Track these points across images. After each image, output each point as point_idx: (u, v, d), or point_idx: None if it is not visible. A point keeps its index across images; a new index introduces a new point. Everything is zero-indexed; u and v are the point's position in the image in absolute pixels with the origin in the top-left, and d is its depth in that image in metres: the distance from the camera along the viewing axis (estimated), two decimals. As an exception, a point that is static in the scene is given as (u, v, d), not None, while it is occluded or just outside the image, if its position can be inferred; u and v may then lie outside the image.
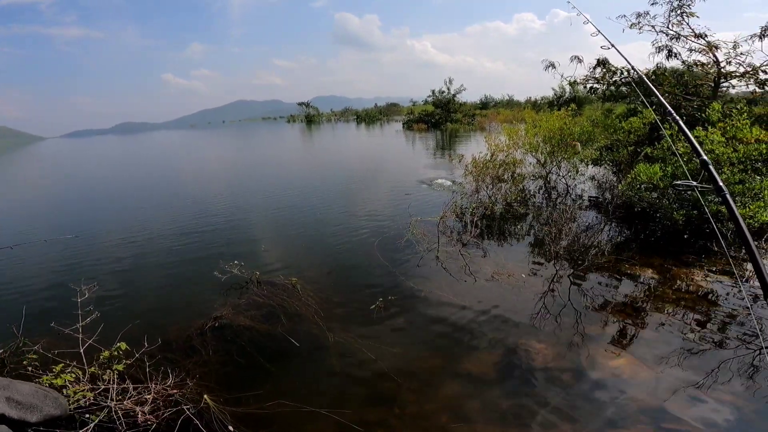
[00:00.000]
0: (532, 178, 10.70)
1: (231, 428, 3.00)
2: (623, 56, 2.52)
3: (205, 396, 3.25)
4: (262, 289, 5.55)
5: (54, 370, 3.26)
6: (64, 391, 3.10)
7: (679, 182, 1.81)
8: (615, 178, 9.41)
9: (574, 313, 4.60)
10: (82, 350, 3.61)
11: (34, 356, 3.56)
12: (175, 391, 3.31)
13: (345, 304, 5.22)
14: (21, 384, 1.21)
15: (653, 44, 9.11)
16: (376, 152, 25.03)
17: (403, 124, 46.39)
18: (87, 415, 2.99)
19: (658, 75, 9.18)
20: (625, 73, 10.06)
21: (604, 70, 10.20)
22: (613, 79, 10.27)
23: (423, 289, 5.45)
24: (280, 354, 4.16)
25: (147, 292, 6.02)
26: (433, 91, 43.14)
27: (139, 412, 3.06)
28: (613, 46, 2.60)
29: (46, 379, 3.16)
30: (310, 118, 79.64)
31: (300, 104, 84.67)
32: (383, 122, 62.59)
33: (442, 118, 40.54)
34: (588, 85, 10.81)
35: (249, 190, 14.23)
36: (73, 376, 3.26)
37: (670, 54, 9.03)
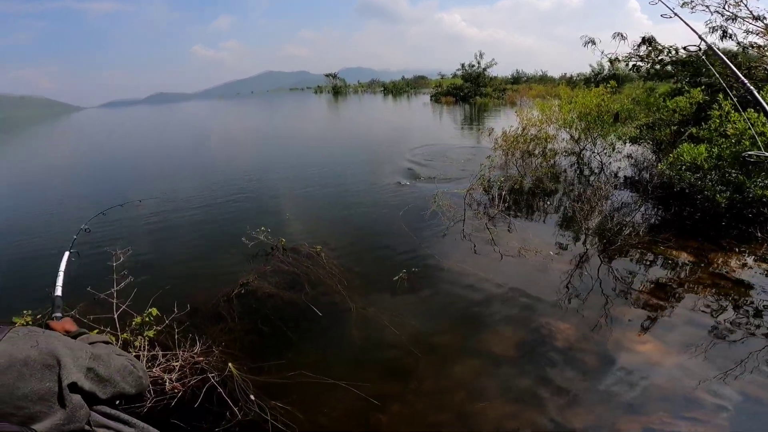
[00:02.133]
0: (564, 154, 10.33)
1: (252, 397, 3.07)
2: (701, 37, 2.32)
3: (230, 364, 3.32)
4: (287, 256, 5.61)
5: (90, 335, 3.30)
6: None
7: (750, 152, 1.67)
8: (654, 158, 8.95)
9: (602, 294, 4.46)
10: (115, 315, 3.61)
11: (70, 321, 3.64)
12: (201, 358, 3.37)
13: (368, 275, 5.23)
14: (116, 358, 1.24)
15: (706, 24, 8.67)
16: (403, 124, 24.73)
17: (431, 96, 45.55)
18: None
19: (710, 55, 8.67)
20: (673, 52, 9.55)
21: (650, 48, 9.68)
22: (659, 58, 9.75)
23: (447, 262, 5.40)
24: (302, 323, 4.22)
25: (177, 257, 6.19)
26: (463, 65, 41.74)
27: (167, 380, 3.11)
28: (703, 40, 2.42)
29: None
30: (337, 89, 78.92)
31: (327, 75, 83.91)
32: (410, 94, 61.44)
33: (471, 91, 39.31)
34: (630, 63, 10.32)
35: (276, 158, 14.50)
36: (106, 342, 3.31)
37: (725, 35, 8.52)
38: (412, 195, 8.65)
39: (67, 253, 2.37)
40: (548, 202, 7.80)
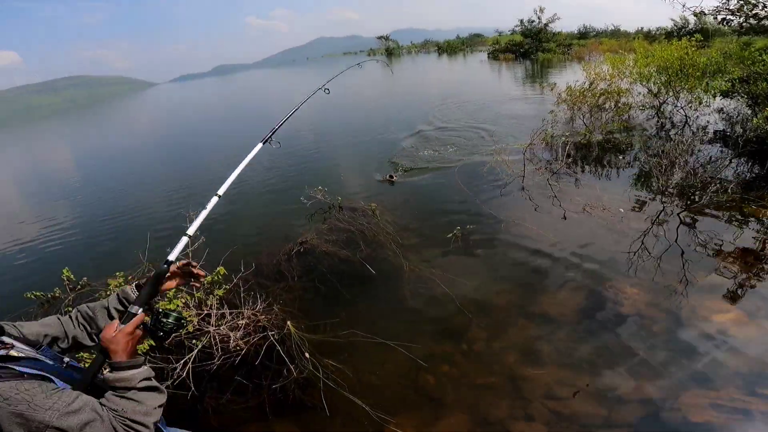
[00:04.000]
0: (640, 108, 9.36)
1: (307, 355, 3.20)
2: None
3: (288, 323, 3.48)
4: (343, 214, 5.78)
5: (168, 296, 3.42)
6: None
7: None
8: (750, 112, 7.84)
9: (680, 257, 4.04)
10: None
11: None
12: (263, 317, 3.55)
13: (422, 232, 5.22)
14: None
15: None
16: (458, 82, 23.81)
17: (488, 54, 43.10)
18: (193, 341, 3.23)
19: None
20: None
21: (742, 2, 8.35)
22: (753, 12, 8.37)
23: (504, 219, 5.23)
24: (357, 281, 4.31)
25: (244, 218, 6.58)
26: (522, 21, 38.49)
27: (232, 338, 3.29)
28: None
29: (162, 305, 3.28)
30: (390, 51, 77.06)
31: (379, 38, 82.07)
32: (466, 53, 58.47)
33: (532, 48, 36.36)
34: (719, 17, 9.01)
35: (333, 119, 14.94)
36: (183, 301, 3.46)
37: None
38: (468, 150, 8.46)
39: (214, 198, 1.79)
40: (620, 157, 7.19)
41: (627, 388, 2.74)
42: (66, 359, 1.24)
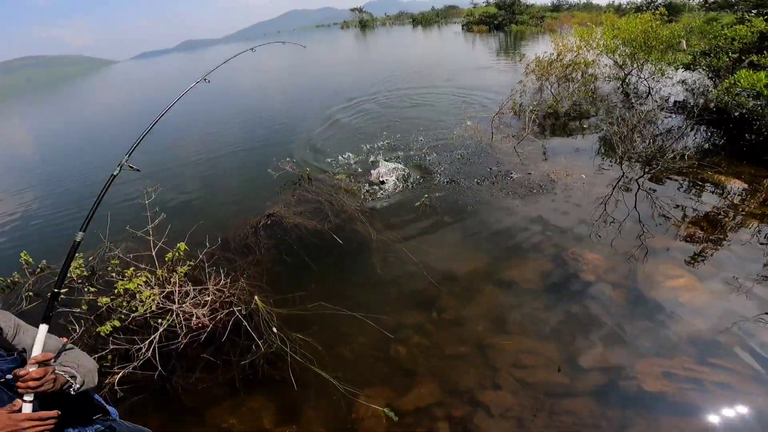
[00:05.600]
0: (606, 79, 9.54)
1: (274, 330, 3.17)
2: None
3: (256, 297, 3.41)
4: (311, 185, 5.72)
5: (126, 274, 3.30)
6: (138, 296, 3.15)
7: None
8: (711, 83, 8.10)
9: (639, 223, 4.20)
10: (153, 252, 3.67)
11: (116, 261, 3.63)
12: (228, 292, 3.46)
13: (389, 200, 5.24)
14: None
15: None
16: (432, 53, 23.57)
17: (463, 26, 42.78)
18: (158, 320, 3.13)
19: None
20: None
21: None
22: None
23: (471, 185, 5.30)
24: (325, 253, 4.28)
25: (210, 192, 6.42)
26: (496, -8, 38.30)
27: (196, 315, 3.20)
28: None
29: (121, 285, 3.19)
30: (364, 23, 75.29)
31: (353, 10, 80.00)
32: (441, 24, 57.68)
33: (505, 19, 36.28)
34: None
35: (303, 92, 14.82)
36: (144, 279, 3.30)
37: None
38: (436, 119, 8.47)
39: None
40: (585, 126, 7.35)
41: (587, 357, 2.83)
42: (9, 376, 1.28)
